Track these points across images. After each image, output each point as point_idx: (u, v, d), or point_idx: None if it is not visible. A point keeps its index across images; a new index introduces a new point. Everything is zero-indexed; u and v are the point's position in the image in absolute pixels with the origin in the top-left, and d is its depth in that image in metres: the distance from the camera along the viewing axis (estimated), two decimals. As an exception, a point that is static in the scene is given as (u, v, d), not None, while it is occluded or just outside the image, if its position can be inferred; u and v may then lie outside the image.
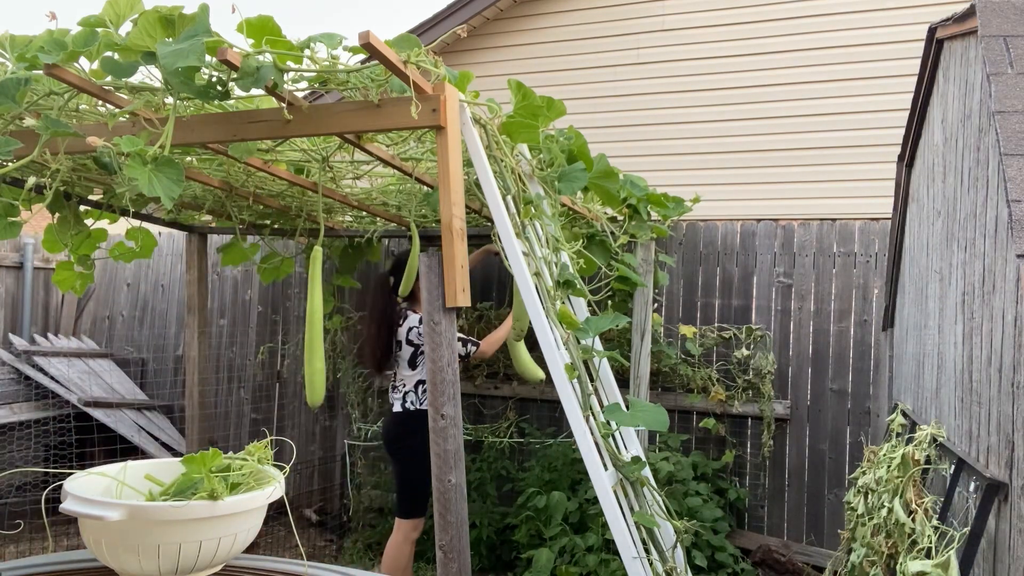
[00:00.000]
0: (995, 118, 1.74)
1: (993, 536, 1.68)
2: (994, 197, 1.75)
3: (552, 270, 2.72)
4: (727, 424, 4.48)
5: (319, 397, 3.24)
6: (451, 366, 2.33)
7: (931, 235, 2.69)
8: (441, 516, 2.31)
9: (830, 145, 5.40)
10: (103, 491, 1.62)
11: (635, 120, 5.96)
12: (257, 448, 1.67)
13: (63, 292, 4.89)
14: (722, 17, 5.75)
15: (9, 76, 2.10)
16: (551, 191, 2.91)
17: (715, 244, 4.61)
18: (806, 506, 4.36)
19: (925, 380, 2.70)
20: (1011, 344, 1.58)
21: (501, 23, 6.40)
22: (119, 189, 2.32)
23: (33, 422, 5.15)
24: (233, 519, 1.54)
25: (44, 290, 5.93)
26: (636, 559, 2.47)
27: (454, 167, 2.30)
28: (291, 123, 2.33)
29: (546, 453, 4.54)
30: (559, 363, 2.50)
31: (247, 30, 2.09)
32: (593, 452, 2.49)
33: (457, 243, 2.29)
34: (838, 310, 4.34)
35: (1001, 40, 1.90)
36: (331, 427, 5.45)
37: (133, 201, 3.65)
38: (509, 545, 4.46)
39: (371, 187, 3.82)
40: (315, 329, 3.16)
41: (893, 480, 2.21)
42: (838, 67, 5.40)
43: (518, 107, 2.61)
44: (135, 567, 1.49)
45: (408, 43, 2.13)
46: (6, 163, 2.50)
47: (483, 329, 4.91)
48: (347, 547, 4.81)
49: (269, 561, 1.83)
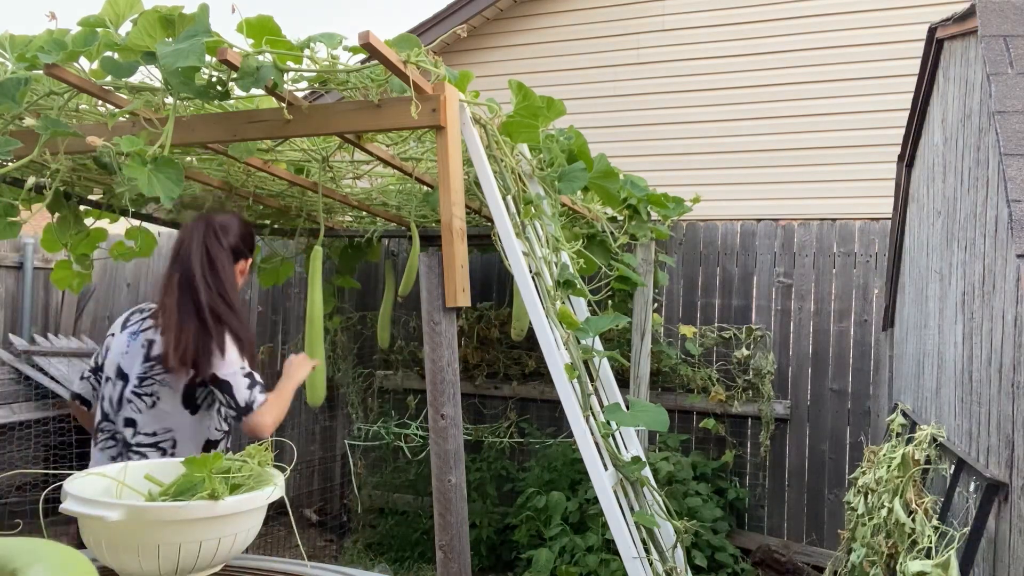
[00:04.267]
0: (995, 118, 1.74)
1: (993, 536, 1.68)
2: (994, 197, 1.75)
3: (552, 270, 2.72)
4: (727, 424, 4.48)
5: (319, 397, 3.24)
6: (451, 366, 2.33)
7: (931, 235, 2.69)
8: (441, 516, 2.31)
9: (830, 145, 5.40)
10: (103, 491, 1.62)
11: (635, 120, 5.96)
12: (257, 450, 1.67)
13: (60, 290, 4.89)
14: (722, 17, 5.75)
15: (9, 76, 2.10)
16: (551, 191, 2.91)
17: (715, 244, 4.61)
18: (806, 506, 4.36)
19: (925, 380, 2.70)
20: (1011, 344, 1.58)
21: (501, 23, 6.40)
22: (119, 189, 2.32)
23: (33, 422, 5.15)
24: (233, 519, 1.53)
25: (44, 290, 5.92)
26: (636, 559, 2.47)
27: (454, 167, 2.29)
28: (291, 123, 2.33)
29: (546, 453, 4.54)
30: (559, 363, 2.50)
31: (247, 30, 2.09)
32: (593, 452, 2.49)
33: (457, 243, 2.28)
34: (838, 310, 4.34)
35: (1001, 40, 1.90)
36: (331, 427, 5.45)
37: (133, 201, 3.65)
38: (509, 545, 4.46)
39: (371, 187, 3.82)
40: (315, 329, 3.16)
41: (893, 480, 2.21)
42: (838, 67, 5.40)
43: (518, 107, 2.60)
44: (135, 567, 1.49)
45: (408, 43, 2.13)
46: (6, 163, 2.50)
47: (483, 329, 4.91)
48: (347, 547, 4.81)
49: (269, 561, 1.83)
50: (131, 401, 2.20)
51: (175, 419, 2.20)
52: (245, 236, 2.43)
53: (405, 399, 5.14)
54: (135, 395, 2.20)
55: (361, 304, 5.35)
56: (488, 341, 4.94)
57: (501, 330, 4.86)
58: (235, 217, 2.42)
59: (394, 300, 4.75)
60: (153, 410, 2.19)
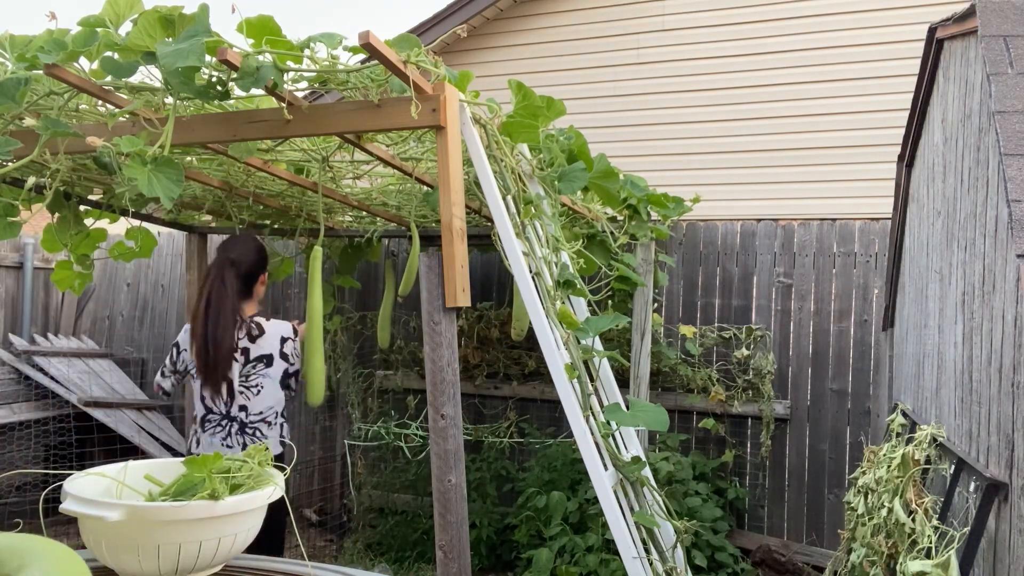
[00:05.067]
0: (995, 118, 1.74)
1: (993, 536, 1.68)
2: (994, 197, 1.75)
3: (552, 270, 2.72)
4: (727, 424, 4.48)
5: (319, 397, 3.24)
6: (451, 366, 2.33)
7: (931, 235, 2.69)
8: (441, 516, 2.31)
9: (830, 145, 5.40)
10: (103, 491, 1.62)
11: (635, 120, 5.96)
12: (257, 450, 1.67)
13: (61, 291, 4.89)
14: (722, 17, 5.76)
15: (9, 76, 2.10)
16: (551, 191, 2.91)
17: (715, 244, 4.61)
18: (806, 506, 4.36)
19: (925, 380, 2.70)
20: (1011, 344, 1.58)
21: (501, 23, 6.40)
22: (119, 189, 2.32)
23: (33, 422, 5.15)
24: (233, 519, 1.54)
25: (44, 290, 5.92)
26: (636, 559, 2.47)
27: (454, 167, 2.29)
28: (291, 123, 2.33)
29: (546, 453, 4.54)
30: (559, 363, 2.50)
31: (247, 30, 2.09)
32: (593, 452, 2.49)
33: (457, 243, 2.28)
34: (838, 310, 4.34)
35: (1001, 40, 1.90)
36: (331, 427, 5.45)
37: (133, 201, 3.65)
38: (509, 545, 4.46)
39: (371, 187, 3.82)
40: (315, 329, 3.16)
41: (893, 480, 2.21)
42: (838, 67, 5.40)
43: (518, 107, 2.60)
44: (135, 567, 1.49)
45: (408, 43, 2.13)
46: (6, 163, 2.50)
47: (483, 329, 4.91)
48: (347, 547, 4.81)
49: (269, 561, 1.83)
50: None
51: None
52: (259, 258, 3.27)
53: (405, 399, 5.14)
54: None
55: (361, 304, 5.35)
56: (488, 341, 4.94)
57: (501, 330, 4.86)
58: (249, 245, 3.22)
59: (394, 300, 4.75)
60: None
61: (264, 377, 3.14)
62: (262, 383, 3.14)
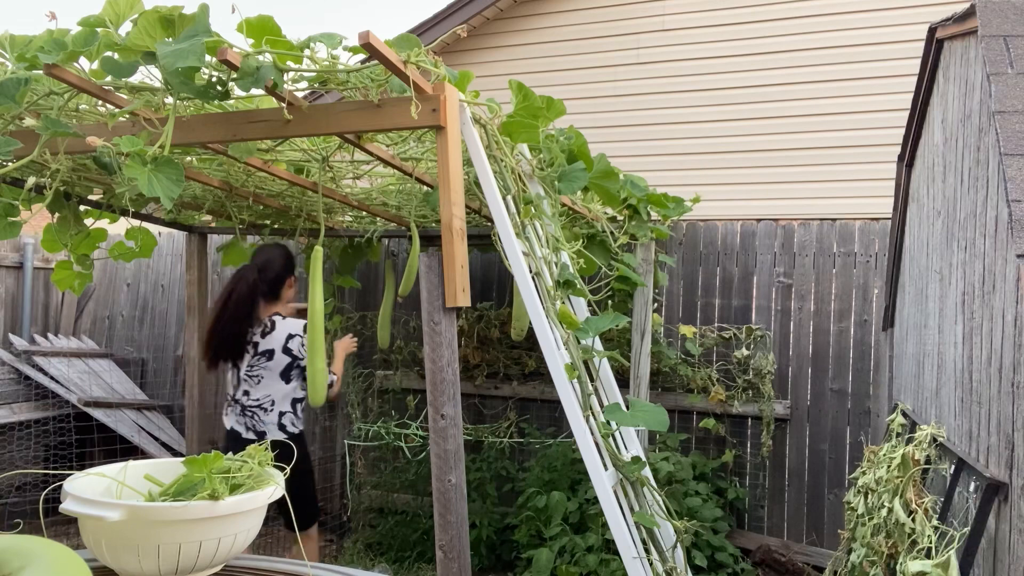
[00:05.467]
0: (995, 118, 1.74)
1: (993, 536, 1.68)
2: (994, 197, 1.75)
3: (552, 270, 2.72)
4: (727, 424, 4.48)
5: (321, 397, 3.24)
6: (451, 366, 2.33)
7: (931, 235, 2.69)
8: (441, 516, 2.31)
9: (830, 145, 5.40)
10: (103, 491, 1.62)
11: (635, 120, 5.95)
12: (258, 450, 1.67)
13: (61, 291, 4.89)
14: (722, 17, 5.75)
15: (9, 76, 2.10)
16: (551, 191, 2.91)
17: (715, 244, 4.61)
18: (806, 506, 4.36)
19: (925, 380, 2.70)
20: (1011, 344, 1.58)
21: (501, 23, 6.39)
22: (119, 189, 2.32)
23: (33, 422, 5.15)
24: (233, 519, 1.53)
25: (44, 290, 5.92)
26: (636, 559, 2.47)
27: (454, 167, 2.30)
28: (291, 123, 2.33)
29: (546, 453, 4.54)
30: (559, 363, 2.50)
31: (247, 30, 2.09)
32: (593, 452, 2.49)
33: (457, 243, 2.28)
34: (838, 310, 4.34)
35: (1001, 40, 1.90)
36: (331, 427, 5.45)
37: (133, 201, 3.65)
38: (509, 545, 4.46)
39: (371, 187, 3.82)
40: (316, 329, 3.16)
41: (893, 480, 2.21)
42: (838, 67, 5.40)
43: (518, 107, 2.60)
44: (135, 567, 1.49)
45: (408, 43, 2.13)
46: (6, 163, 2.50)
47: (483, 329, 4.91)
48: (347, 547, 4.81)
49: (269, 561, 1.83)
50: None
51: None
52: (285, 264, 3.63)
53: (405, 399, 5.14)
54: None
55: (361, 304, 5.35)
56: (488, 341, 4.94)
57: (501, 330, 4.86)
58: (275, 252, 3.61)
59: (394, 300, 4.75)
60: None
61: (265, 369, 3.49)
62: (262, 374, 3.49)
